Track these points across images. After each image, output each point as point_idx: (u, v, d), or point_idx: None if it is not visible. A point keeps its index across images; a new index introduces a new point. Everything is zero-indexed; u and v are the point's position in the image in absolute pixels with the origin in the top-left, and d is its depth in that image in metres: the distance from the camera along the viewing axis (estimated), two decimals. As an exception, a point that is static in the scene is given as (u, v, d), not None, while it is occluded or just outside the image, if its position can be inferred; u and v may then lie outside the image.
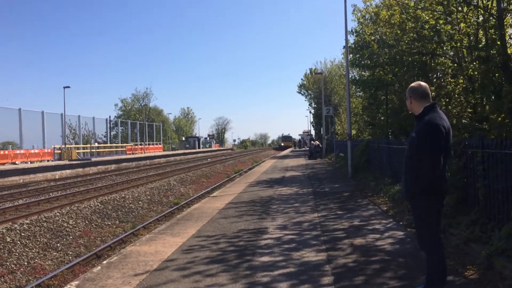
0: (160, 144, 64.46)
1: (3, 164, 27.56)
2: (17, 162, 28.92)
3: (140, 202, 17.04)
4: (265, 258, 5.79)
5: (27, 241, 10.54)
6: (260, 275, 5.06)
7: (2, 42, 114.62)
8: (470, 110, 11.08)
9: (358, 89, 22.34)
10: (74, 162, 31.35)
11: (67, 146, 37.37)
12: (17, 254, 9.67)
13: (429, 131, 3.71)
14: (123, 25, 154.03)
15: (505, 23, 9.18)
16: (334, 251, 6.05)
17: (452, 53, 12.54)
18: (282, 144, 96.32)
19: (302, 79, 58.92)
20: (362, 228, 7.58)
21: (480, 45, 10.33)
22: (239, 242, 6.87)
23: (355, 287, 4.59)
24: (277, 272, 5.15)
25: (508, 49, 9.11)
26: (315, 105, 55.25)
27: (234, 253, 6.18)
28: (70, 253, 10.40)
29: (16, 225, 11.28)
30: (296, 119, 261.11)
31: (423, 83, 4.05)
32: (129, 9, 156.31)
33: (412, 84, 4.07)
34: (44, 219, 12.29)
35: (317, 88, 49.97)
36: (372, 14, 16.17)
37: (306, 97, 59.08)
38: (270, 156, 50.70)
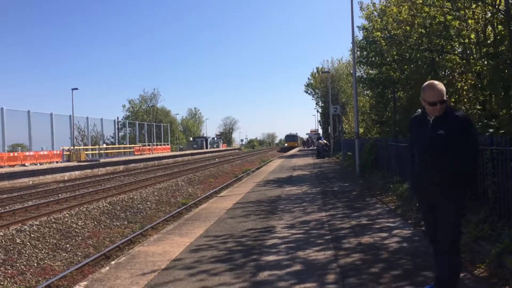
0: (168, 144, 64.70)
1: (13, 166, 27.81)
2: (26, 164, 29.18)
3: (148, 202, 17.10)
4: (272, 257, 5.78)
5: (37, 242, 10.62)
6: (267, 274, 5.05)
7: (10, 45, 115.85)
8: (479, 107, 10.98)
9: (366, 88, 22.24)
10: (82, 163, 31.56)
11: (75, 147, 37.64)
12: (27, 255, 9.74)
13: (473, 126, 3.76)
14: (131, 27, 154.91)
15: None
16: (341, 250, 6.02)
17: (460, 49, 12.45)
18: (286, 144, 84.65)
19: (309, 78, 58.64)
20: (370, 227, 7.54)
21: (489, 41, 10.24)
22: (246, 241, 6.86)
23: (362, 286, 4.56)
24: (284, 271, 5.14)
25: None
26: (322, 104, 55.00)
27: (241, 252, 6.17)
28: (79, 253, 10.46)
29: (25, 227, 11.37)
30: (303, 118, 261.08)
31: None
32: (136, 11, 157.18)
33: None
34: (53, 220, 12.38)
35: (324, 87, 49.74)
36: (379, 10, 16.08)
37: (313, 96, 58.90)
38: (278, 156, 50.66)
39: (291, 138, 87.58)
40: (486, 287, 4.38)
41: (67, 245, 10.93)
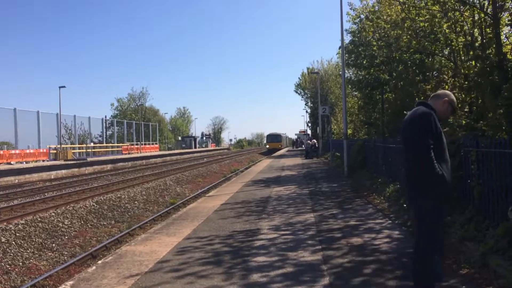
0: (156, 144, 64.32)
1: (-2, 164, 27.41)
2: (12, 162, 28.77)
3: (136, 202, 16.99)
4: (261, 258, 5.78)
5: (22, 242, 10.48)
6: (256, 276, 5.05)
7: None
8: (466, 110, 11.09)
9: (354, 89, 22.38)
10: (69, 162, 31.23)
11: (62, 146, 37.23)
12: (12, 254, 9.61)
13: None
14: (119, 25, 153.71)
15: (500, 22, 9.20)
16: (330, 251, 6.04)
17: (447, 52, 12.58)
18: (268, 146, 70.85)
19: (299, 78, 58.86)
20: (358, 228, 7.58)
21: (476, 44, 10.35)
22: (234, 242, 6.85)
23: (351, 287, 4.58)
24: (273, 273, 5.14)
25: (503, 48, 9.13)
26: (311, 105, 55.22)
27: (229, 253, 6.16)
28: (66, 253, 10.35)
29: (11, 226, 11.21)
30: (293, 118, 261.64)
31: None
32: (125, 9, 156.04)
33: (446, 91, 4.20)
34: (39, 219, 12.23)
35: (313, 87, 49.88)
36: (369, 12, 16.16)
37: (302, 97, 59.09)
38: (266, 156, 50.70)
39: (274, 138, 72.12)
40: (471, 287, 4.43)
41: (53, 245, 10.81)
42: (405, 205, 8.33)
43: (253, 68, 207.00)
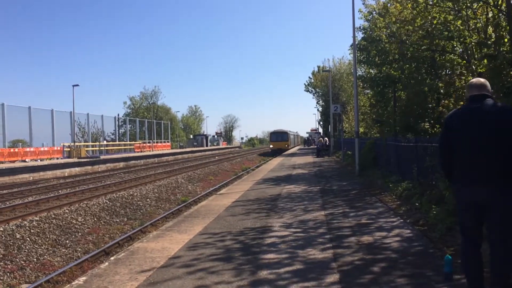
0: (168, 142, 64.74)
1: (13, 161, 27.86)
2: (27, 160, 29.22)
3: (148, 199, 17.13)
4: (271, 255, 5.80)
5: (37, 238, 10.65)
6: (266, 272, 5.07)
7: (12, 41, 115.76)
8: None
9: (366, 87, 22.22)
10: (83, 160, 31.60)
11: (76, 144, 37.67)
12: (26, 250, 9.77)
13: None
14: (132, 24, 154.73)
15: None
16: (340, 249, 6.04)
17: (461, 50, 12.45)
18: (272, 146, 58.95)
19: (310, 77, 58.57)
20: (369, 226, 7.56)
21: (489, 42, 10.24)
22: (245, 239, 6.89)
23: (361, 285, 4.58)
24: (283, 270, 5.16)
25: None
26: (322, 103, 54.98)
27: (240, 250, 6.20)
28: (79, 249, 10.49)
29: (25, 222, 11.40)
30: (304, 117, 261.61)
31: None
32: (138, 8, 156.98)
33: None
34: (53, 216, 12.41)
35: (325, 85, 49.68)
36: (381, 8, 16.05)
37: (313, 95, 58.84)
38: (275, 156, 50.68)
39: (279, 137, 60.01)
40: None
41: (67, 241, 10.96)
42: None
43: (264, 67, 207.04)
